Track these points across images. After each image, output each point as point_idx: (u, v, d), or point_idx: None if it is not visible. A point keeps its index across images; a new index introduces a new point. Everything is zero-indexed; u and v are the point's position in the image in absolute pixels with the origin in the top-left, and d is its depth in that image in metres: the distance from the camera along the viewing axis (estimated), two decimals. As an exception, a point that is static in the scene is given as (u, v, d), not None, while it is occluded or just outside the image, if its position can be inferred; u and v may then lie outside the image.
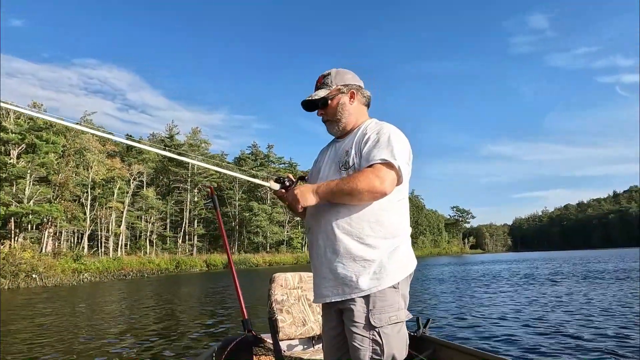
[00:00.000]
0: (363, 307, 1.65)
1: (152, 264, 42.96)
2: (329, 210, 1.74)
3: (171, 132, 69.73)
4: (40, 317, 11.22)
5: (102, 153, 48.24)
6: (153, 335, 7.96)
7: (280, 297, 3.46)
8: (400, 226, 1.76)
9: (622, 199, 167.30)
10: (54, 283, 26.67)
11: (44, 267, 27.80)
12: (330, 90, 1.87)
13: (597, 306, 9.55)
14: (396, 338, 1.66)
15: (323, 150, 2.03)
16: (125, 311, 12.11)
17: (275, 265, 54.29)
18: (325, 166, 1.90)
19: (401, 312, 1.70)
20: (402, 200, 1.80)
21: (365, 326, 1.64)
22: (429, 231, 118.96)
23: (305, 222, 1.91)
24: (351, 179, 1.65)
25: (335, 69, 1.94)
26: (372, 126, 1.83)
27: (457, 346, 2.80)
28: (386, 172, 1.64)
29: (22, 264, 26.09)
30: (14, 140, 38.73)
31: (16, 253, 26.44)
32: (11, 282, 24.41)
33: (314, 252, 1.80)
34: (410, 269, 1.77)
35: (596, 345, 5.94)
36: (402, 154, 1.70)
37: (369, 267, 1.66)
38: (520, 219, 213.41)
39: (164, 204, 59.68)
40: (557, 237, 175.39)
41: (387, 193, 1.66)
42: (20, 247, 29.16)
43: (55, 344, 7.40)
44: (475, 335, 7.02)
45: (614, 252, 62.03)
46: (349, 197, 1.66)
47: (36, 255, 29.18)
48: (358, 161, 1.74)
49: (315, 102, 1.88)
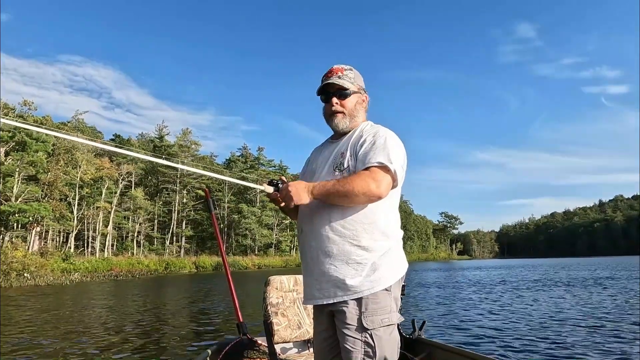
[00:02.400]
0: (355, 310, 1.65)
1: (141, 265, 42.81)
2: (321, 212, 1.74)
3: (161, 132, 69.47)
4: (40, 314, 11.36)
5: (90, 152, 48.00)
6: (146, 338, 8.00)
7: (276, 300, 3.44)
8: (392, 229, 1.77)
9: (607, 208, 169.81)
10: (46, 282, 26.64)
11: (35, 267, 27.74)
12: (354, 84, 1.86)
13: (587, 310, 9.89)
14: (388, 340, 1.66)
15: (317, 149, 2.02)
16: (119, 312, 12.10)
17: (265, 268, 54.21)
18: (319, 167, 1.89)
19: (393, 314, 1.70)
20: (394, 203, 1.81)
21: (358, 328, 1.64)
22: (417, 236, 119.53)
23: (297, 223, 1.90)
24: (347, 181, 1.64)
25: (351, 67, 1.92)
26: (368, 129, 1.83)
27: (452, 348, 2.83)
28: (382, 176, 1.65)
29: (13, 262, 26.04)
30: (3, 138, 38.38)
31: (8, 252, 26.30)
32: (3, 281, 24.33)
33: (306, 253, 1.79)
34: (402, 272, 1.77)
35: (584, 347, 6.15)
36: (398, 157, 1.71)
37: (362, 270, 1.66)
38: (507, 226, 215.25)
39: (152, 204, 59.38)
40: (543, 245, 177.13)
41: (382, 196, 1.66)
42: (12, 246, 29.02)
43: (48, 345, 7.47)
44: (470, 337, 7.14)
45: (599, 260, 63.10)
46: (344, 198, 1.65)
47: (27, 254, 29.06)
48: (353, 163, 1.74)
49: (337, 90, 1.84)
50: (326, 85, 1.84)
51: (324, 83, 1.84)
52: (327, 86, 1.85)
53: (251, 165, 75.94)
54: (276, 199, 1.82)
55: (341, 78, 1.84)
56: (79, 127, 54.26)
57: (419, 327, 3.16)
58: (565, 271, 30.63)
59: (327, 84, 1.84)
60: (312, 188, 1.69)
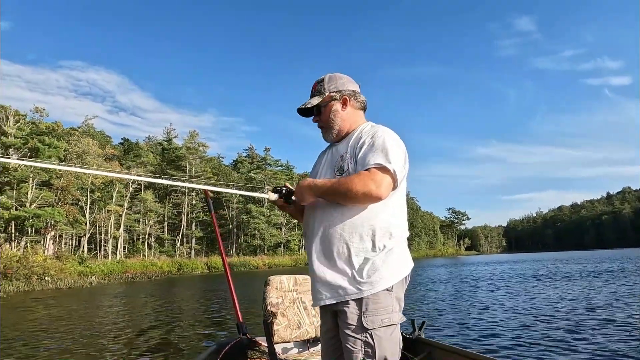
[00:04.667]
0: (356, 310, 1.66)
1: (154, 267, 43.51)
2: (322, 215, 1.77)
3: (169, 135, 70.18)
4: (72, 314, 11.99)
5: (101, 157, 48.69)
6: (148, 336, 8.24)
7: (275, 300, 3.44)
8: (395, 229, 1.75)
9: (615, 200, 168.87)
10: (66, 285, 27.35)
11: (55, 270, 28.52)
12: (323, 97, 1.88)
13: (591, 306, 9.85)
14: (389, 340, 1.67)
15: (321, 154, 2.03)
16: (140, 314, 12.65)
17: (275, 267, 54.68)
18: (321, 171, 1.91)
19: (395, 314, 1.70)
20: (397, 202, 1.80)
21: (358, 328, 1.65)
22: (424, 233, 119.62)
23: (302, 227, 1.93)
24: (348, 181, 1.66)
25: (330, 74, 1.94)
26: (367, 130, 1.83)
27: (453, 348, 2.83)
28: (382, 177, 1.64)
29: (34, 266, 26.82)
30: (16, 144, 39.10)
31: (29, 256, 27.05)
32: (26, 285, 25.09)
33: (310, 256, 1.81)
34: (406, 272, 1.77)
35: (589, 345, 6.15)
36: (397, 157, 1.70)
37: (362, 270, 1.67)
38: (515, 220, 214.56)
39: (162, 206, 60.07)
40: (551, 238, 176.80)
41: (382, 197, 1.66)
42: (33, 251, 29.85)
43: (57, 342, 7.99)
44: (471, 337, 7.13)
45: (607, 253, 62.85)
46: (345, 197, 1.68)
47: (46, 258, 29.85)
48: (353, 166, 1.75)
49: (310, 109, 1.91)
50: (299, 110, 1.94)
51: (297, 110, 1.93)
52: (301, 111, 1.94)
53: (258, 165, 76.43)
54: (282, 205, 1.89)
55: (314, 95, 1.90)
56: (89, 132, 54.89)
57: (418, 327, 3.16)
58: (573, 264, 30.71)
59: (299, 109, 1.93)
60: (313, 185, 1.75)
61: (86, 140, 47.32)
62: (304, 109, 1.90)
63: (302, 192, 1.77)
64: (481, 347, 6.38)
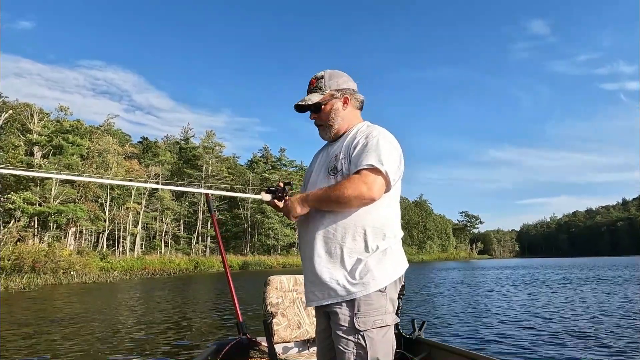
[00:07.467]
0: (348, 311, 1.66)
1: (172, 264, 44.36)
2: (314, 218, 1.76)
3: (186, 134, 71.22)
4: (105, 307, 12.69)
5: (120, 155, 49.72)
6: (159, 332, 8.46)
7: (275, 300, 3.43)
8: (388, 230, 1.74)
9: (631, 207, 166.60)
10: (91, 280, 28.23)
11: (79, 265, 29.51)
12: (324, 95, 1.85)
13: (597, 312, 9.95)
14: (381, 342, 1.66)
15: (317, 153, 2.02)
16: (160, 309, 13.28)
17: (289, 267, 55.37)
18: (316, 170, 1.89)
19: (388, 316, 1.68)
20: (390, 203, 1.78)
21: (350, 330, 1.64)
22: (437, 236, 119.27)
23: (297, 227, 1.93)
24: (338, 187, 1.65)
25: (329, 70, 1.90)
26: (363, 130, 1.81)
27: (452, 348, 2.83)
28: (374, 178, 1.63)
29: (60, 261, 27.79)
30: (41, 142, 40.17)
31: (56, 251, 27.98)
32: (53, 278, 26.00)
33: (303, 258, 1.82)
34: (400, 272, 1.76)
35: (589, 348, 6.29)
36: (390, 158, 1.68)
37: (354, 272, 1.66)
38: (528, 225, 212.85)
39: (179, 205, 61.07)
40: (565, 244, 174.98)
41: (375, 199, 1.65)
42: (59, 246, 30.87)
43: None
44: (471, 337, 7.22)
45: (623, 260, 62.29)
46: (337, 204, 1.66)
47: (71, 253, 30.84)
48: (347, 166, 1.73)
49: (308, 106, 1.87)
50: (296, 106, 1.89)
51: (294, 106, 1.89)
52: (298, 107, 1.89)
53: (272, 165, 77.07)
54: (275, 206, 1.84)
55: (313, 91, 1.87)
56: (109, 130, 55.99)
57: (418, 327, 3.15)
58: (587, 271, 30.65)
59: (297, 106, 1.88)
60: (305, 197, 1.73)
61: (107, 138, 48.37)
62: (301, 105, 1.87)
63: (293, 205, 1.74)
64: (482, 348, 6.45)
